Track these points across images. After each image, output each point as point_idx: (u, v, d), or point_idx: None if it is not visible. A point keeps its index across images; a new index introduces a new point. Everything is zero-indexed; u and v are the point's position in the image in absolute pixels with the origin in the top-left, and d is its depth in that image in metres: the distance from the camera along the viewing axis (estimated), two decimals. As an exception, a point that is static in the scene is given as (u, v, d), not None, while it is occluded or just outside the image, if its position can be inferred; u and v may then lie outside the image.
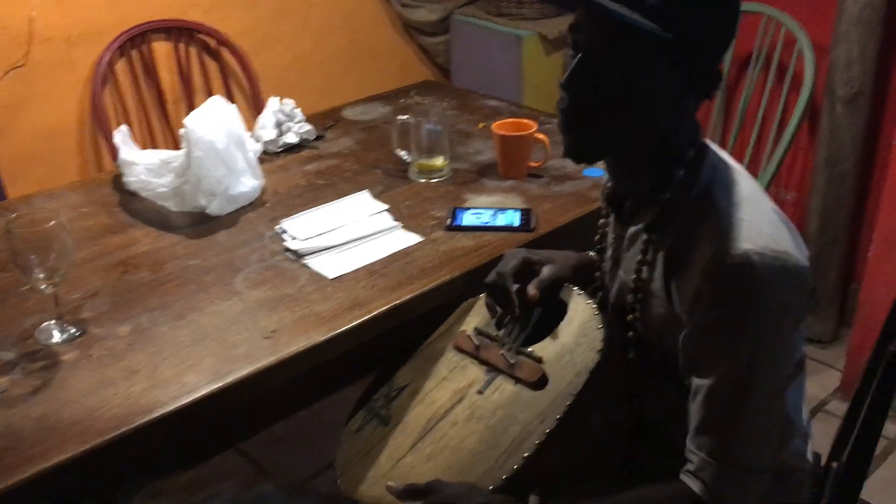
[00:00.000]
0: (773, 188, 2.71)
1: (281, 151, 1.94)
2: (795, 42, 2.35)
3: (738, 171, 1.12)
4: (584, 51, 1.03)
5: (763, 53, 2.45)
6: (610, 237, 1.23)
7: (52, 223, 1.23)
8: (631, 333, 1.18)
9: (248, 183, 1.67)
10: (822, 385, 2.47)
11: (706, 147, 1.12)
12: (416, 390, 1.29)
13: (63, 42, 2.45)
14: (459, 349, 1.31)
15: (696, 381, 1.05)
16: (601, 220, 1.27)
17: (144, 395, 1.16)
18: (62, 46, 2.45)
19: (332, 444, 1.30)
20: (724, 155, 1.14)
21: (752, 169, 2.43)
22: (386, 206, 1.66)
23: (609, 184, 1.20)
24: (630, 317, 1.17)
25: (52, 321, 1.29)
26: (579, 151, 1.09)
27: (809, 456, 1.26)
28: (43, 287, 1.26)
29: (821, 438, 1.33)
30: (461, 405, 1.22)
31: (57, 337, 1.28)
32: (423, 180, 1.78)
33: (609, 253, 1.24)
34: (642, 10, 0.97)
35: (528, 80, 2.97)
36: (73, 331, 1.29)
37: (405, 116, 1.81)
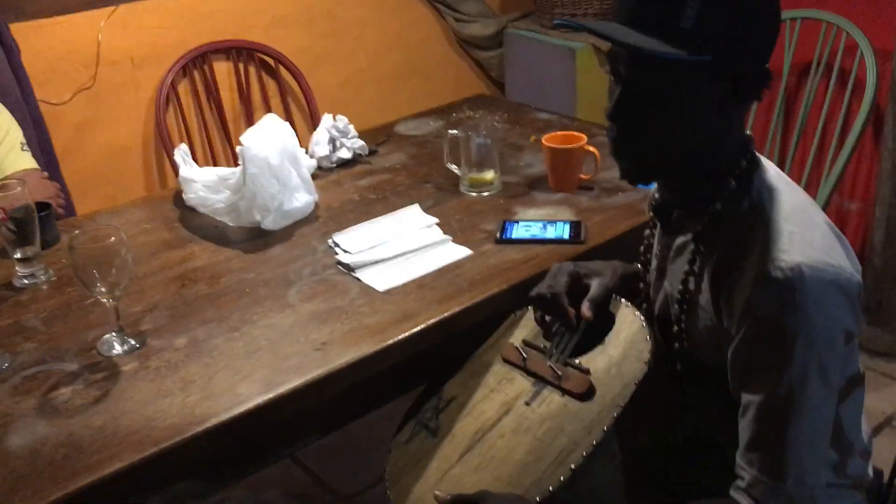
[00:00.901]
0: (837, 198, 2.64)
1: (335, 167, 1.98)
2: (857, 48, 2.30)
3: (790, 183, 1.11)
4: (624, 82, 1.03)
5: (824, 60, 2.40)
6: (655, 248, 1.22)
7: (112, 239, 1.27)
8: (676, 345, 1.17)
9: (302, 198, 1.70)
10: (890, 400, 2.39)
11: (758, 159, 1.10)
12: (464, 402, 1.30)
13: (128, 64, 2.55)
14: (507, 361, 1.32)
15: (746, 397, 1.03)
16: (647, 231, 1.26)
17: (199, 405, 1.19)
18: (127, 68, 2.55)
19: (385, 457, 1.31)
20: (775, 168, 1.12)
21: (814, 178, 2.39)
22: (436, 220, 1.67)
23: (657, 194, 1.20)
24: (675, 329, 1.16)
25: (113, 333, 1.34)
26: (634, 175, 1.11)
27: (870, 472, 1.22)
28: (104, 300, 1.31)
29: (888, 453, 1.29)
30: (508, 417, 1.23)
31: (117, 349, 1.32)
32: (473, 194, 1.79)
33: (654, 264, 1.23)
34: (674, 37, 0.97)
35: (582, 93, 2.96)
36: (132, 342, 1.33)
37: (455, 131, 1.82)
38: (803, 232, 1.01)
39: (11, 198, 1.49)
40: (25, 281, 1.53)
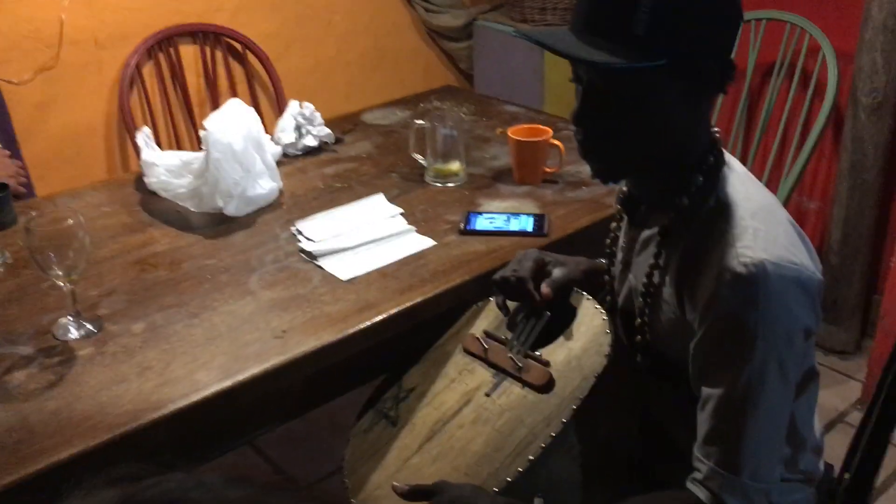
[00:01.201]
0: (796, 197, 2.69)
1: (300, 154, 1.97)
2: (819, 50, 2.33)
3: (755, 181, 1.12)
4: (584, 87, 1.05)
5: (787, 61, 2.43)
6: (621, 241, 1.24)
7: (70, 222, 1.25)
8: (638, 338, 1.18)
9: (266, 185, 1.69)
10: (843, 397, 2.44)
11: (724, 156, 1.12)
12: (425, 392, 1.30)
13: (92, 44, 2.50)
14: (468, 352, 1.32)
15: (706, 391, 1.04)
16: (613, 224, 1.27)
17: (156, 391, 1.18)
18: (91, 49, 2.50)
19: (344, 447, 1.31)
20: (741, 166, 1.14)
21: (775, 177, 2.43)
22: (401, 210, 1.67)
23: (624, 187, 1.21)
24: (638, 321, 1.17)
25: (70, 317, 1.32)
26: (604, 175, 1.12)
27: (821, 467, 1.25)
28: (61, 284, 1.29)
29: (840, 450, 1.32)
30: (468, 407, 1.23)
31: (73, 333, 1.31)
32: (438, 185, 1.79)
33: (619, 257, 1.24)
34: (628, 43, 0.98)
35: (550, 87, 2.98)
36: (89, 327, 1.32)
37: (422, 121, 1.82)
38: (767, 229, 1.02)
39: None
40: (-20, 263, 1.50)
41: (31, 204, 1.81)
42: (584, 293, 1.30)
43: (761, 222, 1.03)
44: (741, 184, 1.09)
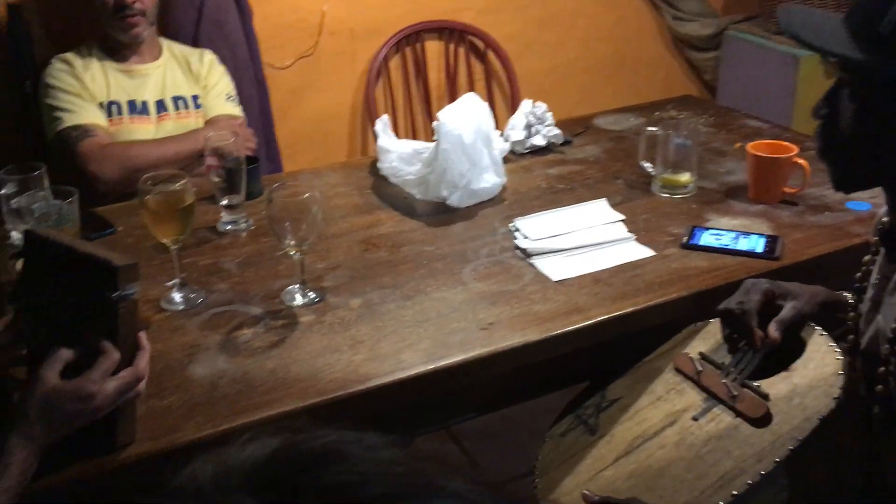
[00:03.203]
0: None
1: (527, 153, 1.97)
2: None
3: None
4: (835, 81, 1.01)
5: None
6: (874, 277, 1.12)
7: (307, 196, 1.34)
8: (880, 387, 1.06)
9: (490, 179, 1.70)
10: None
11: None
12: (628, 405, 1.25)
13: (348, 36, 2.66)
14: (680, 371, 1.26)
15: None
16: (866, 257, 1.16)
17: (364, 365, 1.23)
18: (346, 40, 2.66)
19: (539, 446, 1.30)
20: None
21: None
22: (622, 217, 1.62)
23: (885, 217, 1.09)
24: (882, 369, 1.05)
25: (297, 285, 1.41)
26: (837, 178, 1.06)
27: None
28: (292, 253, 1.37)
29: None
30: (672, 428, 1.17)
31: (298, 300, 1.39)
32: (665, 195, 1.72)
33: (869, 294, 1.12)
34: (879, 46, 0.92)
35: (802, 104, 2.77)
36: (312, 296, 1.40)
37: (655, 128, 1.75)
38: None
39: (224, 146, 1.60)
40: (228, 227, 1.64)
41: (277, 178, 1.96)
42: (818, 328, 1.19)
43: None
44: None
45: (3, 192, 1.49)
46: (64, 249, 1.04)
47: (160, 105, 2.04)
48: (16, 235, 1.52)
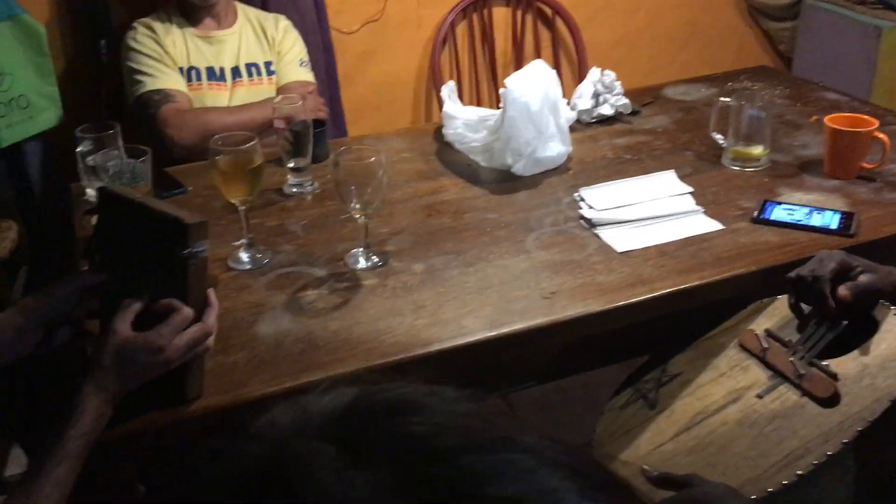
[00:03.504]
0: None
1: (594, 122, 1.94)
2: None
3: None
4: None
5: None
6: None
7: (372, 160, 1.34)
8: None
9: (556, 148, 1.68)
10: None
11: None
12: (689, 381, 1.23)
13: (414, 1, 2.65)
14: (744, 348, 1.23)
15: None
16: None
17: (426, 329, 1.24)
18: (413, 6, 2.65)
19: (597, 419, 1.29)
20: None
21: None
22: (690, 189, 1.59)
23: None
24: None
25: (361, 249, 1.42)
26: None
27: None
28: (357, 217, 1.38)
29: None
30: (735, 406, 1.15)
31: (362, 263, 1.40)
32: (736, 168, 1.68)
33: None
34: None
35: (883, 77, 2.66)
36: (376, 260, 1.41)
37: (727, 99, 1.71)
38: None
39: (292, 109, 1.61)
40: (294, 189, 1.66)
41: (342, 142, 1.97)
42: (893, 307, 1.16)
43: None
44: None
45: (79, 149, 1.53)
46: (136, 206, 1.06)
47: (235, 72, 2.07)
48: (91, 192, 1.57)
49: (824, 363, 1.13)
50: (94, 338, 1.07)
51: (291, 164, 1.65)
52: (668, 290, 1.30)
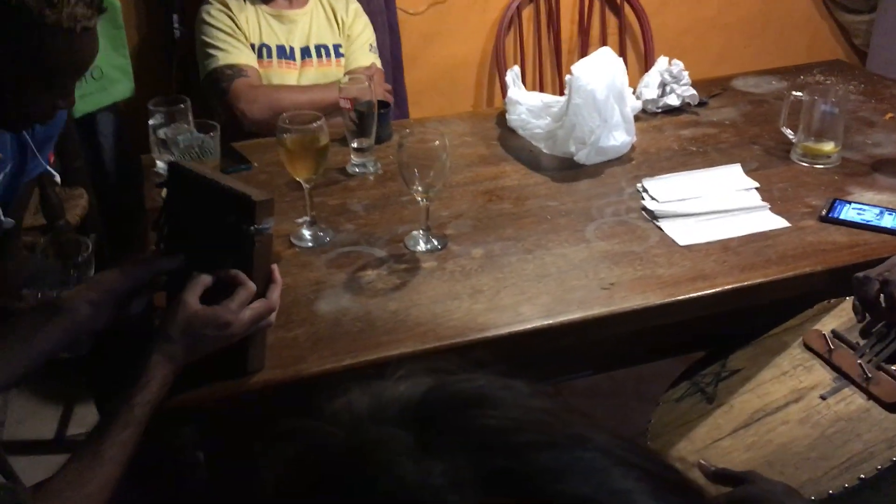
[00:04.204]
0: None
1: (659, 112, 1.91)
2: None
3: None
4: None
5: None
6: None
7: (436, 143, 1.34)
8: None
9: (620, 137, 1.67)
10: None
11: None
12: (749, 377, 1.22)
13: (481, -17, 2.64)
14: (809, 348, 1.21)
15: None
16: None
17: (483, 314, 1.24)
18: (479, -13, 2.64)
19: (646, 414, 1.28)
20: None
21: None
22: (756, 184, 1.56)
23: None
24: None
25: (421, 231, 1.43)
26: None
27: None
28: (419, 199, 1.39)
29: None
30: (797, 405, 1.14)
31: (422, 246, 1.41)
32: (805, 164, 1.64)
33: None
34: None
35: (964, 75, 2.56)
36: (435, 243, 1.41)
37: (799, 93, 1.67)
38: None
39: (359, 91, 1.63)
40: (357, 169, 1.68)
41: (404, 124, 1.98)
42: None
43: None
44: None
45: (151, 122, 1.56)
46: (205, 182, 1.09)
47: (305, 52, 2.09)
48: (160, 164, 1.60)
49: (893, 367, 1.11)
50: (161, 310, 1.10)
51: (355, 144, 1.66)
52: (731, 287, 1.29)
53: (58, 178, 1.57)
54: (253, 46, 2.04)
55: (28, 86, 1.14)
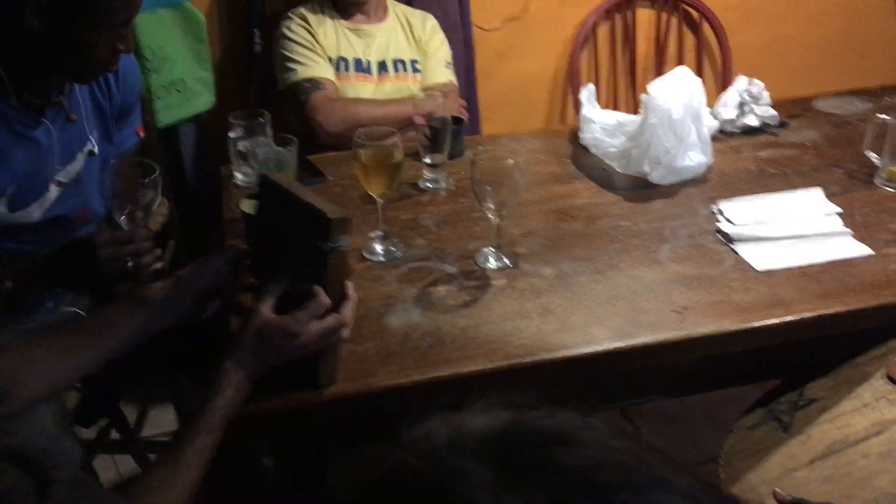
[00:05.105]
0: None
1: (737, 133, 1.88)
2: None
3: None
4: None
5: None
6: None
7: (510, 162, 1.35)
8: None
9: (696, 158, 1.64)
10: None
11: None
12: (828, 408, 1.19)
13: (558, 1, 2.63)
14: (892, 380, 1.17)
15: None
16: None
17: (553, 334, 1.24)
18: (555, 5, 2.63)
19: (717, 441, 1.26)
20: None
21: None
22: (838, 209, 1.52)
23: None
24: None
25: (492, 248, 1.43)
26: None
27: None
28: (490, 216, 1.39)
29: None
30: (878, 438, 1.10)
31: (492, 263, 1.41)
32: (890, 189, 1.59)
33: None
34: None
35: None
36: (506, 261, 1.42)
37: (885, 116, 1.62)
38: None
39: (434, 107, 1.64)
40: (429, 184, 1.69)
41: (477, 140, 1.99)
42: None
43: None
44: None
45: (231, 134, 1.61)
46: (290, 196, 1.11)
47: (382, 66, 2.12)
48: (239, 176, 1.65)
49: (980, 405, 1.06)
50: (243, 311, 1.13)
51: (428, 160, 1.68)
52: (810, 315, 1.25)
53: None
54: (331, 59, 2.08)
55: (81, 28, 1.18)
